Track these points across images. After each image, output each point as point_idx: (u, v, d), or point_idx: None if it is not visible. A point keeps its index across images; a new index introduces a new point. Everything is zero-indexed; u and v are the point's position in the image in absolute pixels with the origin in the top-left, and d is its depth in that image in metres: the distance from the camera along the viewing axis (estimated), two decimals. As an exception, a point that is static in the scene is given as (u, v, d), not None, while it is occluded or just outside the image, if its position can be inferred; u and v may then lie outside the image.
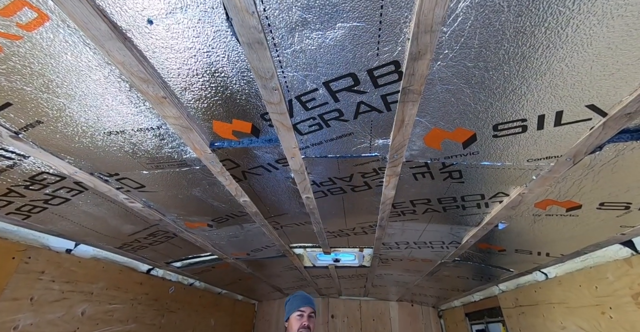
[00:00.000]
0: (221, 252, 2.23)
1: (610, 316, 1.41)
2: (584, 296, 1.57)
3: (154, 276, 2.30)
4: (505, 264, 2.02)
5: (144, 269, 2.18)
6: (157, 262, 2.18)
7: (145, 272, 2.20)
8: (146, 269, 2.21)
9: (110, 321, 1.81)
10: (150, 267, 2.25)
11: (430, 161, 1.14)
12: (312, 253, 2.55)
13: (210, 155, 1.06)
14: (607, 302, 1.43)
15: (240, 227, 1.84)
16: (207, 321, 3.09)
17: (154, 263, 2.19)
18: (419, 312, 4.39)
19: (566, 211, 1.26)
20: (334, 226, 1.89)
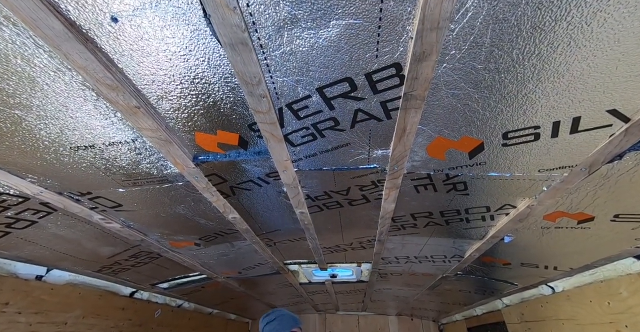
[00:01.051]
0: (211, 271, 2.09)
1: (626, 334, 1.32)
2: (595, 313, 1.48)
3: (138, 300, 2.14)
4: (510, 277, 1.93)
5: (126, 292, 2.02)
6: (141, 284, 2.03)
7: (128, 296, 2.04)
8: (129, 293, 2.06)
9: (86, 353, 1.65)
10: (134, 290, 2.09)
11: (434, 173, 1.06)
12: (308, 269, 2.42)
13: (194, 170, 0.96)
14: (622, 319, 1.34)
15: (230, 245, 1.72)
16: (196, 345, 2.90)
17: (137, 286, 2.04)
18: (419, 326, 4.24)
19: (577, 223, 1.18)
20: (331, 241, 1.78)
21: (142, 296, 2.17)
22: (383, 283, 2.73)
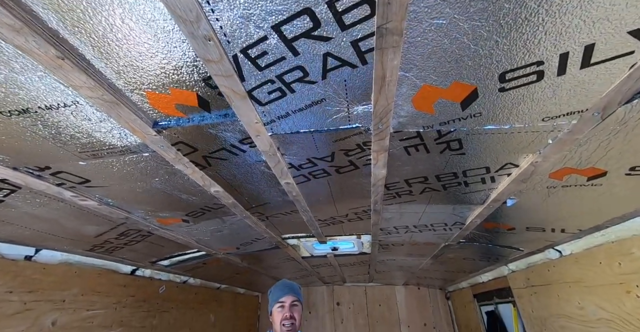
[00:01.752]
0: (208, 248, 2.08)
1: (637, 295, 1.25)
2: (604, 274, 1.40)
3: (140, 277, 2.16)
4: (515, 243, 1.85)
5: (126, 270, 2.04)
6: (140, 262, 2.04)
7: (129, 274, 2.06)
8: (130, 270, 2.07)
9: (90, 328, 1.68)
10: (135, 268, 2.11)
11: (423, 130, 0.94)
12: (308, 243, 2.40)
13: (157, 138, 0.88)
14: (633, 279, 1.26)
15: (221, 221, 1.68)
16: (205, 317, 2.99)
17: (137, 264, 2.05)
18: (426, 295, 4.30)
19: (587, 180, 1.07)
20: (325, 214, 1.72)
21: (143, 274, 2.19)
22: (386, 254, 2.70)
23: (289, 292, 1.73)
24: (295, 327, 1.68)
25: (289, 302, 1.68)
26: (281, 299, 1.69)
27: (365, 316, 4.30)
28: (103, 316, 1.79)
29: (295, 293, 1.77)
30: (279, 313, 1.66)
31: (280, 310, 1.67)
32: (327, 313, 4.40)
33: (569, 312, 1.66)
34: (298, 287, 1.91)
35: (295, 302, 1.72)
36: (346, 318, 4.32)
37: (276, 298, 1.73)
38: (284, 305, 1.67)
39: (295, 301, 1.72)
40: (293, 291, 1.76)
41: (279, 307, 1.68)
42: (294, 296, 1.73)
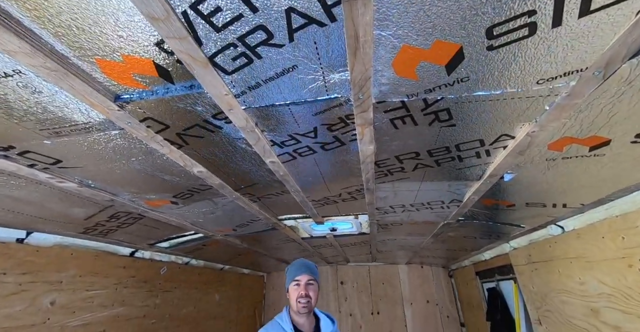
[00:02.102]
0: (204, 230, 2.08)
1: (639, 268, 1.19)
2: (607, 249, 1.35)
3: (140, 258, 2.20)
4: (516, 219, 1.80)
5: (125, 252, 2.07)
6: (138, 244, 2.06)
7: (128, 256, 2.09)
8: (129, 252, 2.10)
9: (90, 308, 1.73)
10: (133, 250, 2.14)
11: (408, 99, 0.87)
12: (305, 224, 2.39)
13: (121, 114, 0.83)
14: (636, 253, 1.21)
15: (212, 203, 1.65)
16: (210, 296, 3.07)
17: (135, 246, 2.07)
18: (429, 273, 4.34)
19: (589, 151, 0.99)
20: (317, 194, 1.68)
21: (143, 255, 2.23)
22: (385, 234, 2.69)
23: (305, 271, 1.73)
24: (311, 305, 1.70)
25: (304, 280, 1.69)
26: (297, 278, 1.70)
27: (369, 294, 4.38)
28: (103, 296, 1.83)
29: (312, 272, 1.77)
30: (295, 291, 1.68)
31: (296, 288, 1.69)
32: (331, 292, 4.49)
33: (570, 287, 1.63)
34: (315, 267, 1.89)
35: (311, 281, 1.73)
36: (350, 296, 4.41)
37: (292, 276, 1.74)
38: (300, 283, 1.69)
39: (311, 280, 1.73)
40: (309, 270, 1.76)
41: (294, 285, 1.69)
42: (309, 275, 1.73)
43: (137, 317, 2.10)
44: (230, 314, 3.43)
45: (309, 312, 1.67)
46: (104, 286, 1.84)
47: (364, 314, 4.25)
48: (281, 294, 4.54)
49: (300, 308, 1.65)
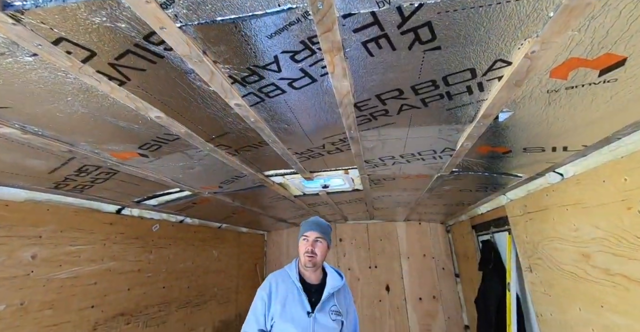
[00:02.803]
0: (188, 186, 2.03)
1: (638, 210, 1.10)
2: (607, 192, 1.26)
3: (128, 216, 2.19)
4: (513, 168, 1.69)
5: (110, 209, 2.05)
6: (121, 201, 2.03)
7: (114, 213, 2.08)
8: (114, 210, 2.08)
9: (76, 262, 1.75)
10: (120, 207, 2.12)
11: (379, 8, 0.70)
12: (295, 181, 2.32)
13: (22, 31, 0.68)
14: (638, 195, 1.11)
15: (187, 156, 1.56)
16: (208, 253, 3.16)
17: (119, 203, 2.04)
18: (427, 229, 4.39)
19: (599, 76, 0.84)
20: (299, 145, 1.56)
21: (131, 213, 2.22)
22: (379, 190, 2.62)
23: (315, 228, 1.78)
24: (316, 260, 1.73)
25: (312, 237, 1.75)
26: (306, 233, 1.75)
27: (367, 249, 4.50)
28: (90, 251, 1.85)
29: (321, 231, 1.79)
30: (303, 246, 1.74)
31: (304, 243, 1.74)
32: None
33: (563, 234, 1.57)
34: (327, 226, 1.88)
35: (319, 239, 1.76)
36: (348, 252, 4.54)
37: (302, 232, 1.80)
38: (308, 239, 1.73)
39: (319, 237, 1.76)
40: (319, 228, 1.79)
41: (303, 240, 1.75)
42: (318, 233, 1.77)
43: (131, 271, 2.15)
44: (230, 269, 3.57)
45: (313, 266, 1.69)
46: (90, 242, 1.85)
47: (362, 268, 4.41)
48: (282, 251, 4.69)
49: (306, 262, 1.71)
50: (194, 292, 2.87)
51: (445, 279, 4.09)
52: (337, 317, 1.66)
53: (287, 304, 1.60)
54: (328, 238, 1.80)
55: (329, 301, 1.69)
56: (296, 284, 1.68)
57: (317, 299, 1.66)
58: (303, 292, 1.66)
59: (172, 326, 2.52)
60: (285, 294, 1.64)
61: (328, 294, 1.68)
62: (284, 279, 1.71)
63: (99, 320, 1.88)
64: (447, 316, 3.92)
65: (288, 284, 1.69)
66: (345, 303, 1.78)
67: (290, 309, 1.59)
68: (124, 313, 2.07)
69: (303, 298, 1.64)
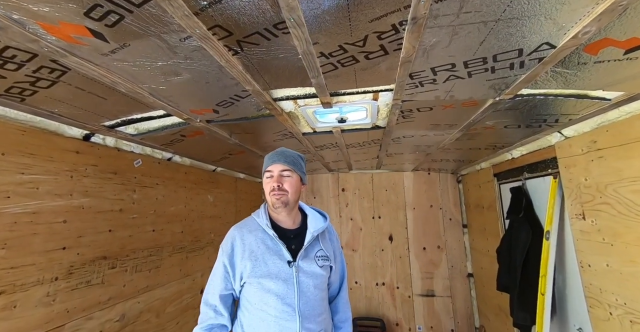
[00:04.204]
0: (175, 108, 1.57)
1: None
2: None
3: (100, 145, 1.76)
4: (609, 84, 1.27)
5: (74, 133, 1.60)
6: (87, 123, 1.57)
7: (81, 139, 1.64)
8: (80, 135, 1.64)
9: (34, 195, 1.37)
10: (88, 133, 1.67)
11: None
12: (308, 109, 1.87)
13: None
14: None
15: (167, 48, 1.08)
16: (202, 197, 2.82)
17: (84, 125, 1.59)
18: (436, 179, 4.14)
19: None
20: (332, 37, 1.09)
21: (104, 142, 1.78)
22: (405, 128, 2.22)
23: (278, 159, 1.44)
24: (287, 198, 1.40)
25: (277, 170, 1.42)
26: (268, 168, 1.44)
27: (371, 200, 4.28)
28: (53, 183, 1.45)
29: (287, 161, 1.44)
30: (267, 184, 1.43)
31: (268, 181, 1.43)
32: (332, 198, 4.39)
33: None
34: (296, 156, 1.53)
35: (286, 172, 1.43)
36: (351, 202, 4.32)
37: (265, 167, 1.47)
38: (272, 175, 1.42)
39: (286, 170, 1.43)
40: (284, 159, 1.45)
41: (267, 178, 1.44)
42: (284, 165, 1.43)
43: (110, 211, 1.79)
44: (227, 216, 3.30)
45: (284, 206, 1.40)
46: (50, 172, 1.44)
47: (364, 218, 4.24)
48: (281, 199, 4.45)
49: (274, 202, 1.39)
50: (189, 237, 2.59)
51: (451, 230, 3.96)
52: (324, 263, 1.41)
53: (259, 257, 1.31)
54: (300, 171, 1.46)
55: (313, 246, 1.43)
56: (268, 232, 1.38)
57: (299, 245, 1.39)
58: (279, 240, 1.36)
59: (166, 271, 2.28)
60: (254, 247, 1.34)
61: (312, 238, 1.40)
62: (252, 229, 1.40)
63: (74, 263, 1.56)
64: (450, 265, 3.88)
65: (258, 233, 1.39)
66: (332, 246, 1.52)
67: (265, 263, 1.30)
68: (106, 257, 1.76)
69: (280, 246, 1.36)
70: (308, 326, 1.29)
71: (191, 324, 2.51)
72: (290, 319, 1.26)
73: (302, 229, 1.46)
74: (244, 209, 3.72)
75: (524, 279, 2.08)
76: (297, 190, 1.44)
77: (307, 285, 1.33)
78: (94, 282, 1.68)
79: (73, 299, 1.55)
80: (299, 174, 1.47)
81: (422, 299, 3.85)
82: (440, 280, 3.86)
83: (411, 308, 3.86)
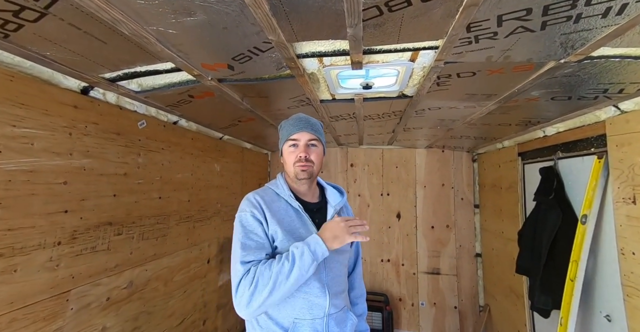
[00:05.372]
0: (183, 59, 1.36)
1: None
2: None
3: (100, 101, 1.57)
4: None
5: (71, 85, 1.41)
6: (84, 73, 1.38)
7: (78, 92, 1.45)
8: (78, 87, 1.45)
9: (30, 152, 1.21)
10: (86, 85, 1.48)
11: None
12: (332, 71, 1.66)
13: None
14: None
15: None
16: (209, 165, 2.68)
17: (82, 75, 1.39)
18: (450, 157, 3.98)
19: None
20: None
21: (105, 98, 1.59)
22: (434, 97, 2.01)
23: (305, 127, 1.30)
24: (313, 171, 1.29)
25: (304, 140, 1.28)
26: (293, 136, 1.29)
27: (380, 176, 4.15)
28: (50, 140, 1.29)
29: (314, 130, 1.32)
30: (292, 153, 1.29)
31: (292, 149, 1.29)
32: (339, 173, 4.25)
33: None
34: (320, 124, 1.39)
35: (314, 142, 1.30)
36: (360, 178, 4.20)
37: (288, 134, 1.31)
38: (298, 143, 1.29)
39: (314, 139, 1.30)
40: (310, 127, 1.31)
41: (290, 146, 1.30)
42: (311, 133, 1.30)
43: (114, 175, 1.65)
44: (234, 186, 3.18)
45: (309, 177, 1.29)
46: (46, 127, 1.27)
47: (373, 195, 4.13)
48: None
49: (299, 172, 1.26)
50: (196, 206, 2.48)
51: (462, 210, 3.87)
52: None
53: (286, 228, 1.18)
54: (324, 140, 1.35)
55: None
56: (292, 203, 1.25)
57: (322, 219, 1.28)
58: (304, 213, 1.25)
59: (173, 240, 2.19)
60: (282, 216, 1.20)
61: (335, 212, 1.30)
62: (273, 200, 1.25)
63: (77, 228, 1.45)
64: (458, 244, 3.83)
65: (281, 204, 1.25)
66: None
67: (293, 234, 1.18)
68: (112, 222, 1.65)
69: (306, 219, 1.24)
70: (335, 302, 1.21)
71: (198, 293, 2.48)
72: (320, 295, 1.17)
73: (323, 203, 1.36)
74: (250, 180, 3.60)
75: (549, 263, 1.98)
76: (321, 161, 1.33)
77: (333, 260, 1.24)
78: (99, 249, 1.58)
79: (78, 265, 1.46)
80: (323, 144, 1.36)
81: (427, 277, 3.86)
82: (447, 259, 3.84)
83: (415, 284, 3.87)
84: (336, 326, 1.20)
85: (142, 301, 1.87)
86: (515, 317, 2.79)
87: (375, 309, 3.54)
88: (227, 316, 2.98)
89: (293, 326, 1.14)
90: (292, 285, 1.04)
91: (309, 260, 1.05)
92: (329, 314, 1.18)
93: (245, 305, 1.03)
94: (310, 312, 1.15)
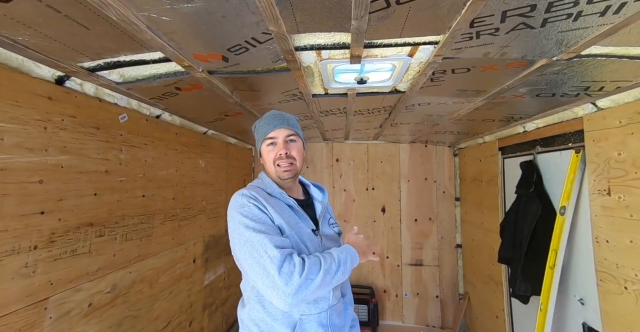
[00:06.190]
0: (174, 49, 1.27)
1: None
2: None
3: (77, 92, 1.44)
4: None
5: (44, 74, 1.27)
6: (59, 60, 1.25)
7: (53, 83, 1.31)
8: (52, 76, 1.31)
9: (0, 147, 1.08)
10: (61, 75, 1.34)
11: None
12: (329, 64, 1.62)
13: None
14: None
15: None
16: (193, 161, 2.56)
17: (57, 63, 1.26)
18: (432, 152, 4.08)
19: None
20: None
21: (82, 89, 1.46)
22: (427, 92, 2.03)
23: (280, 124, 1.26)
24: (296, 168, 1.27)
25: (282, 136, 1.25)
26: (270, 134, 1.25)
27: (366, 171, 4.18)
28: (22, 135, 1.16)
29: (291, 125, 1.29)
30: (271, 152, 1.25)
31: (271, 148, 1.26)
32: (325, 168, 4.24)
33: None
34: (296, 119, 1.36)
35: (292, 137, 1.27)
36: (345, 173, 4.21)
37: (264, 134, 1.27)
38: (276, 141, 1.25)
39: (292, 135, 1.27)
40: (287, 123, 1.28)
41: (269, 145, 1.26)
42: (288, 129, 1.27)
43: (95, 172, 1.52)
44: (219, 183, 3.07)
45: (293, 177, 1.27)
46: (15, 119, 1.14)
47: (358, 189, 4.17)
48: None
49: (281, 173, 1.23)
50: (181, 204, 2.37)
51: (444, 202, 4.01)
52: (339, 229, 1.41)
53: (286, 221, 1.16)
54: (302, 135, 1.34)
55: (325, 215, 1.37)
56: (285, 200, 1.23)
57: (312, 214, 1.31)
58: (299, 208, 1.25)
59: (158, 240, 2.08)
60: (282, 211, 1.18)
61: (323, 207, 1.34)
62: (266, 197, 1.21)
63: (55, 230, 1.33)
64: (440, 236, 3.97)
65: (274, 200, 1.22)
66: (332, 215, 1.50)
67: (293, 228, 1.16)
68: (93, 223, 1.53)
69: (302, 213, 1.25)
70: (335, 294, 1.23)
71: (184, 294, 2.39)
72: None
73: (310, 200, 1.38)
74: (235, 176, 3.50)
75: (530, 253, 2.10)
76: (303, 156, 1.31)
77: None
78: (80, 252, 1.46)
79: (57, 270, 1.34)
80: (302, 139, 1.34)
81: (411, 268, 3.97)
82: (429, 250, 3.96)
83: (399, 276, 3.98)
84: (337, 317, 1.21)
85: (126, 304, 1.77)
86: (494, 304, 2.94)
87: (361, 302, 3.59)
88: (213, 315, 2.90)
89: (300, 323, 1.12)
90: (330, 286, 1.05)
91: (349, 269, 1.09)
92: (331, 306, 1.19)
93: (294, 290, 0.93)
94: (316, 306, 1.15)
